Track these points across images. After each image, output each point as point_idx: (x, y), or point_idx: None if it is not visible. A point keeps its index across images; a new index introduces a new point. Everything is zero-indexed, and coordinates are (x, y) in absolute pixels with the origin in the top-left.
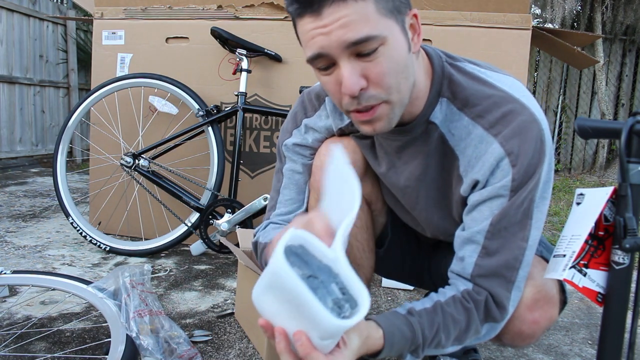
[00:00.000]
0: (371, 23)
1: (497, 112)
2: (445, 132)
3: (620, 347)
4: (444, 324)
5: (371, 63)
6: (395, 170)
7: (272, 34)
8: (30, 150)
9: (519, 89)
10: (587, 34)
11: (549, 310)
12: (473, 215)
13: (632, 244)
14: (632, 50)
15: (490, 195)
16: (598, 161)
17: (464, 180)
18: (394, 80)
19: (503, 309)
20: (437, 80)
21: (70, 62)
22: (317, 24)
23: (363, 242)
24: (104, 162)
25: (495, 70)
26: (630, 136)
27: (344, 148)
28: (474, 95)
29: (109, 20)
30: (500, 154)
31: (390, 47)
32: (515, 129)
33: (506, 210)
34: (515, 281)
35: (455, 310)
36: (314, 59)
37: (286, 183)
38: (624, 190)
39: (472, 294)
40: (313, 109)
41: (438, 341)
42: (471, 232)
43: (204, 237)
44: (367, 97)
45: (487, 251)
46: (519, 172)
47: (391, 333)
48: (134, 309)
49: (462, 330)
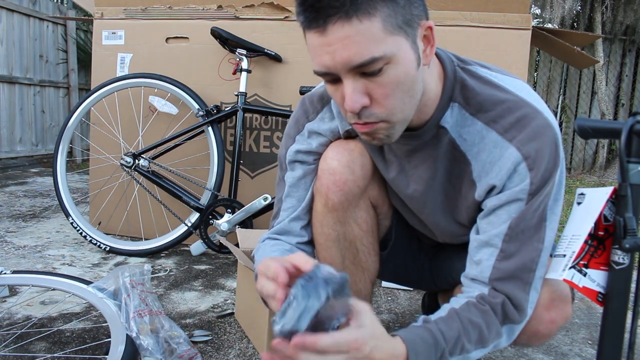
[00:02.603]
0: (376, 44)
1: (511, 117)
2: (455, 137)
3: (620, 347)
4: (463, 327)
5: (376, 83)
6: (405, 173)
7: (272, 34)
8: (30, 150)
9: (530, 94)
10: (587, 34)
11: (565, 309)
12: (490, 219)
13: (632, 244)
14: (632, 50)
15: (509, 199)
16: (598, 161)
17: (477, 185)
18: (398, 101)
19: (522, 311)
20: (449, 85)
21: (70, 62)
22: (321, 40)
23: (369, 245)
24: (104, 162)
25: (505, 74)
26: (630, 136)
27: (351, 151)
28: (487, 100)
29: (109, 20)
30: (518, 158)
31: (396, 66)
32: (531, 134)
33: (524, 213)
34: (532, 282)
35: (472, 314)
36: (320, 74)
37: (288, 191)
38: (623, 190)
39: (487, 298)
40: (315, 111)
41: (462, 345)
42: (489, 236)
43: (204, 237)
44: (367, 115)
45: (505, 254)
46: (536, 176)
47: (412, 341)
48: (134, 309)
49: (482, 333)
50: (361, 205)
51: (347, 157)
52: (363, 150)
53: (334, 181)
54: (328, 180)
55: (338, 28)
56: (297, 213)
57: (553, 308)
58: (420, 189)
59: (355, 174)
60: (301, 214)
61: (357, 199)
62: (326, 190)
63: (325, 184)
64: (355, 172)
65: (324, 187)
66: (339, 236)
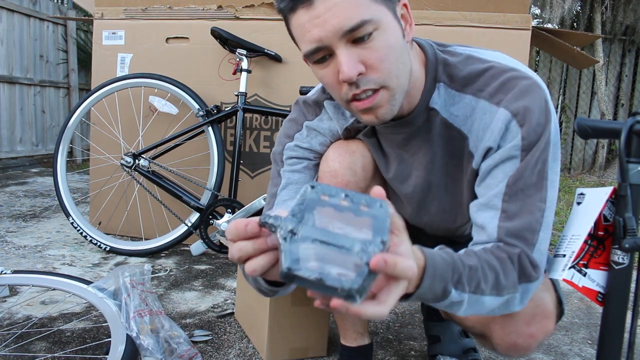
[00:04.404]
0: (363, 8)
1: (496, 82)
2: (447, 117)
3: (620, 347)
4: (481, 265)
5: (368, 49)
6: (405, 163)
7: (272, 34)
8: (30, 150)
9: (512, 61)
10: (586, 34)
11: (546, 324)
12: (487, 182)
13: (632, 244)
14: (632, 50)
15: (502, 157)
16: (598, 161)
17: (475, 155)
18: (392, 65)
19: (536, 267)
20: (432, 67)
21: (70, 62)
22: (310, 14)
23: None
24: (104, 162)
25: (484, 49)
26: (629, 136)
27: (352, 152)
28: (470, 73)
29: (109, 20)
30: (507, 117)
31: (384, 32)
32: (517, 93)
33: (520, 171)
34: (536, 244)
35: (489, 257)
36: (311, 53)
37: (285, 184)
38: (623, 190)
39: (504, 247)
40: (313, 113)
41: (477, 282)
42: (487, 198)
43: (204, 237)
44: (365, 82)
45: (507, 214)
46: (527, 131)
47: (431, 254)
48: (134, 308)
49: (499, 277)
50: None
51: (348, 158)
52: (364, 151)
53: (335, 183)
54: (329, 182)
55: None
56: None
57: (534, 323)
58: (423, 174)
59: (356, 176)
60: None
61: None
62: None
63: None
64: (356, 174)
65: None
66: None
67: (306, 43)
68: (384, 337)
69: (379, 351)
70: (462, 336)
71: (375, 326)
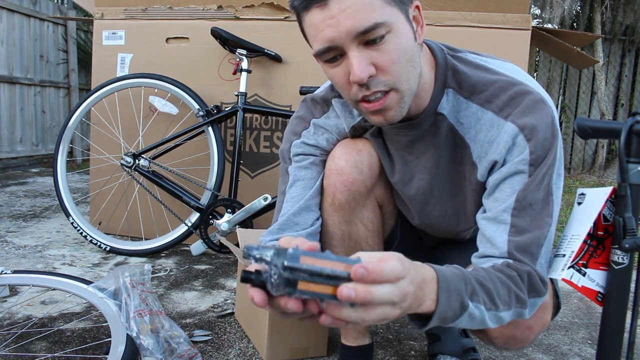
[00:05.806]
0: (377, 11)
1: (505, 95)
2: (454, 123)
3: (620, 347)
4: (490, 278)
5: (379, 52)
6: (409, 165)
7: (272, 34)
8: (30, 150)
9: (521, 74)
10: (586, 34)
11: (543, 316)
12: (495, 195)
13: (632, 243)
14: (632, 50)
15: (510, 171)
16: (597, 161)
17: (478, 166)
18: (402, 68)
19: (545, 282)
20: (441, 72)
21: (70, 62)
22: (324, 14)
23: (374, 246)
24: (104, 162)
25: (495, 58)
26: (629, 136)
27: (359, 151)
28: (479, 82)
29: (109, 20)
30: (514, 131)
31: (397, 35)
32: (525, 109)
33: (528, 186)
34: (538, 257)
35: (499, 274)
36: (322, 52)
37: (292, 181)
38: (623, 190)
39: (513, 265)
40: (321, 110)
41: (489, 293)
42: (496, 212)
43: (204, 237)
44: (375, 84)
45: (517, 229)
46: (535, 146)
47: (440, 269)
48: (134, 308)
49: (509, 291)
50: (368, 205)
51: (355, 156)
52: (371, 150)
53: (342, 181)
54: (335, 179)
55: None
56: (303, 202)
57: (531, 315)
58: (426, 177)
59: (363, 174)
60: (309, 203)
61: (364, 199)
62: (333, 189)
63: (332, 183)
64: (363, 172)
65: (331, 186)
66: (344, 236)
67: (318, 42)
68: (384, 337)
69: (379, 351)
70: (462, 336)
71: (376, 326)
